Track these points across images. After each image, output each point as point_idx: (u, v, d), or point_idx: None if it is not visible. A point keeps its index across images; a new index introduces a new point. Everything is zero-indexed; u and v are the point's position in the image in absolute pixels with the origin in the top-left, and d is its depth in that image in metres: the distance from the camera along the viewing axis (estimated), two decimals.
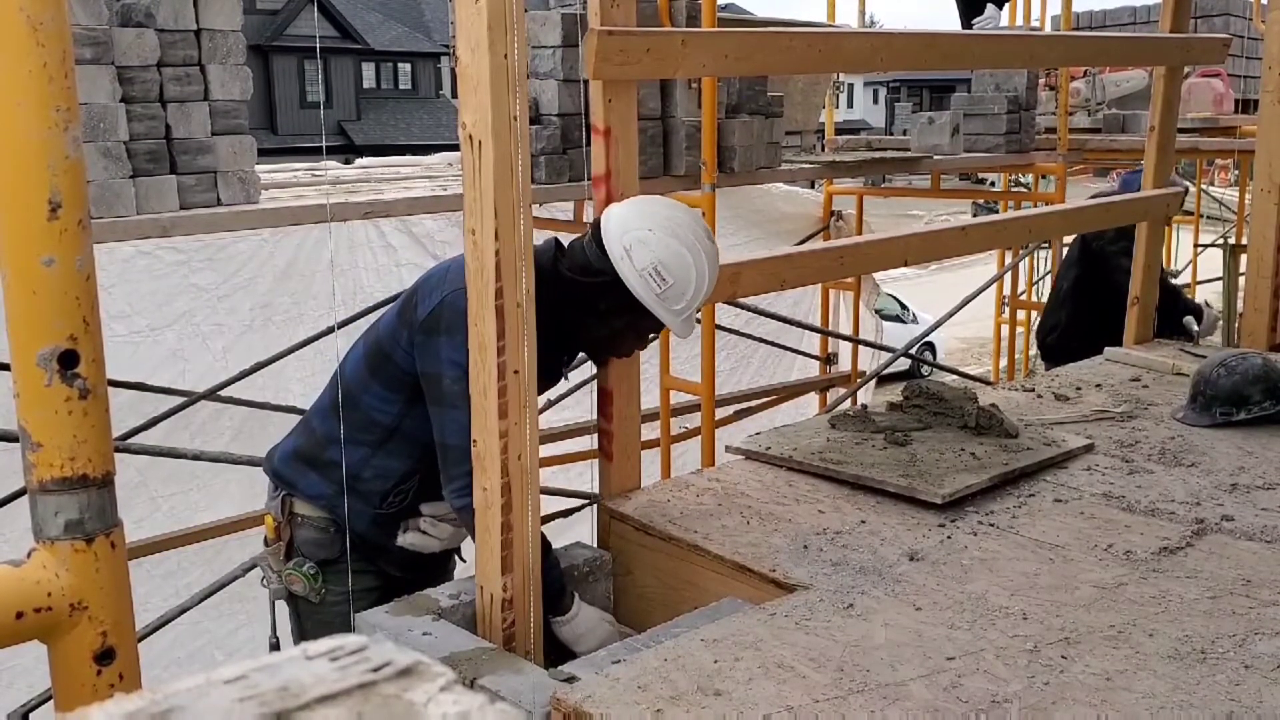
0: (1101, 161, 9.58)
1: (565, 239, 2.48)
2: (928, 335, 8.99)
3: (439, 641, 2.04)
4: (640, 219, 2.28)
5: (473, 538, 2.33)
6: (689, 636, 1.90)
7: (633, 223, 2.27)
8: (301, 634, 2.59)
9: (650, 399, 4.74)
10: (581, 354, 2.60)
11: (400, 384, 2.37)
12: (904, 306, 14.60)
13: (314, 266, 5.24)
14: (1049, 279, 8.20)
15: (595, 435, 2.65)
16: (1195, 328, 4.63)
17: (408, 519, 2.51)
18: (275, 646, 2.57)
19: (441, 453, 2.30)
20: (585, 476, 5.17)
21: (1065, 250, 5.63)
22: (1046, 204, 7.60)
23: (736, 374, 7.26)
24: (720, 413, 6.06)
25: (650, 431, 5.07)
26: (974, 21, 7.90)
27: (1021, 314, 8.17)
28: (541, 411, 3.00)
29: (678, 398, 5.67)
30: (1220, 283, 8.82)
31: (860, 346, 7.57)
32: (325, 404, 2.53)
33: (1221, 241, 10.81)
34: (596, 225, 2.32)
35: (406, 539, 2.51)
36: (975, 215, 17.24)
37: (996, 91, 7.34)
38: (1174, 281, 5.05)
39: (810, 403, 7.63)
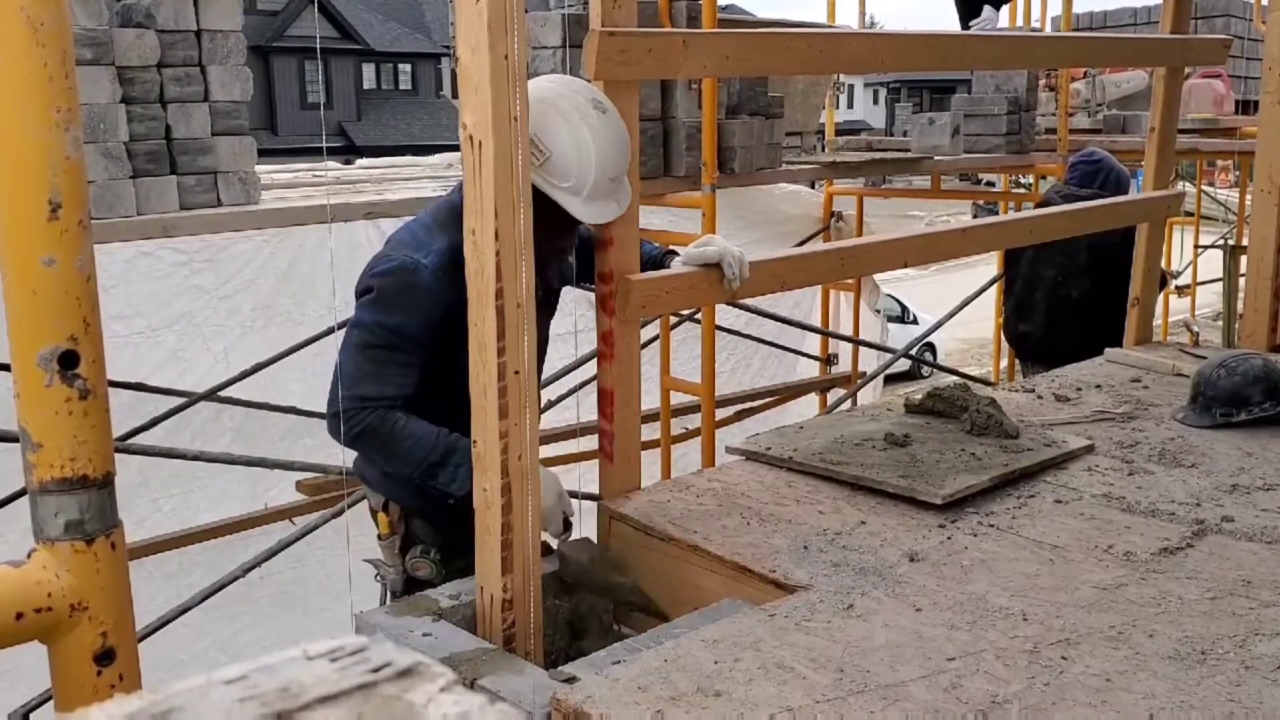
0: None
1: None
2: (928, 336, 8.99)
3: (439, 642, 2.03)
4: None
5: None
6: (689, 637, 1.89)
7: None
8: None
9: (650, 399, 4.74)
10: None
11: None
12: (904, 307, 14.61)
13: (314, 267, 5.24)
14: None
15: (595, 435, 2.64)
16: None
17: None
18: None
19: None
20: (587, 476, 5.16)
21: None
22: None
23: (737, 374, 7.25)
24: (720, 413, 6.07)
25: (650, 432, 5.07)
26: (971, 24, 7.89)
27: None
28: (542, 411, 3.00)
29: (678, 398, 5.67)
30: (1220, 284, 8.83)
31: (861, 347, 7.58)
32: None
33: (1222, 243, 10.81)
34: None
35: None
36: (975, 216, 17.24)
37: (997, 92, 7.34)
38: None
39: (810, 403, 7.63)
